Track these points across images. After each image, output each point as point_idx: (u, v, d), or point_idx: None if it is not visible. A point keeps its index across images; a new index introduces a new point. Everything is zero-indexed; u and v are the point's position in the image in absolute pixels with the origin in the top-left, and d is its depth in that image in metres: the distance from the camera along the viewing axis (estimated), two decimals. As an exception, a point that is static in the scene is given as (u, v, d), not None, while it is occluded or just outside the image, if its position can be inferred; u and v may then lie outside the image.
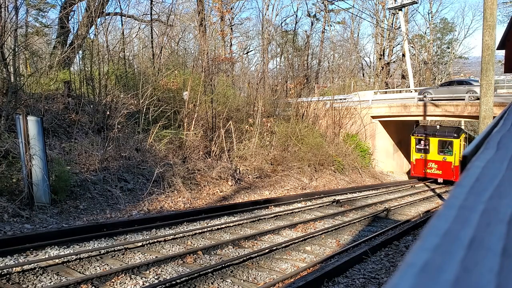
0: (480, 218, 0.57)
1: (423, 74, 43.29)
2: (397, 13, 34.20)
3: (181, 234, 7.03)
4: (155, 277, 5.09)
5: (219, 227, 7.80)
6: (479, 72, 14.41)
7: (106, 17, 15.34)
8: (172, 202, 9.83)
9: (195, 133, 13.42)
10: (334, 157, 17.67)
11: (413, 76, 34.43)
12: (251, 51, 33.38)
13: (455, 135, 19.06)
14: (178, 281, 4.78)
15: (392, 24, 39.00)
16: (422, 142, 19.86)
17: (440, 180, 19.45)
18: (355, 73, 38.17)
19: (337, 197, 11.86)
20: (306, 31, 37.38)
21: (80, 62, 14.64)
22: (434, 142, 19.55)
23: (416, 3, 35.04)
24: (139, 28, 18.53)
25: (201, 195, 10.90)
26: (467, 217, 0.57)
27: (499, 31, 10.34)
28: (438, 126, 20.98)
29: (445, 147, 20.00)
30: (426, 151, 19.80)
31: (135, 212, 8.75)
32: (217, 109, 14.88)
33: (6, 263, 5.08)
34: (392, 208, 10.96)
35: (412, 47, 40.41)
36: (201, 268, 5.30)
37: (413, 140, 20.31)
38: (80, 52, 15.11)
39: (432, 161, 19.61)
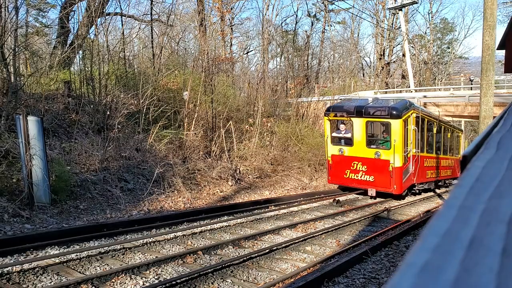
0: (480, 218, 0.57)
1: (423, 74, 43.31)
2: (397, 13, 34.22)
3: (181, 234, 7.03)
4: (155, 277, 5.09)
5: (219, 227, 7.80)
6: (479, 72, 14.39)
7: (106, 17, 15.34)
8: (172, 202, 9.84)
9: (195, 133, 13.42)
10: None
11: (413, 76, 34.45)
12: (251, 51, 33.38)
13: (395, 112, 11.01)
14: (178, 281, 4.78)
15: (392, 24, 39.01)
16: (342, 126, 12.36)
17: (371, 192, 11.92)
18: (355, 73, 38.20)
19: (338, 197, 11.86)
20: (306, 31, 37.39)
21: (80, 62, 14.64)
22: (359, 126, 11.75)
23: (416, 3, 35.06)
24: (139, 28, 18.53)
25: (201, 195, 10.90)
26: (467, 217, 0.57)
27: (499, 31, 10.34)
28: (370, 100, 13.33)
29: (377, 135, 12.67)
30: (348, 141, 12.19)
31: (135, 212, 8.75)
32: (217, 109, 14.89)
33: (6, 263, 5.08)
34: (392, 208, 10.96)
35: (412, 47, 40.41)
36: (201, 268, 5.30)
37: (326, 124, 12.53)
38: (80, 52, 15.11)
39: (357, 159, 11.96)
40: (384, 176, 11.52)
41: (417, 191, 13.81)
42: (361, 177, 11.97)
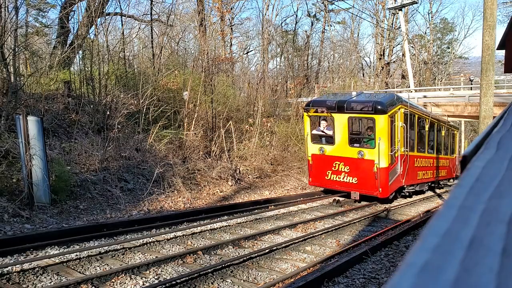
0: (480, 218, 0.57)
1: (423, 74, 43.31)
2: (397, 13, 34.23)
3: (181, 234, 7.03)
4: (155, 277, 5.09)
5: (219, 227, 7.81)
6: (479, 72, 14.37)
7: (106, 17, 15.34)
8: (172, 202, 9.84)
9: (195, 133, 13.42)
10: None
11: (413, 76, 34.46)
12: (251, 51, 33.38)
13: (379, 107, 10.10)
14: (178, 281, 4.78)
15: (392, 24, 39.02)
16: (323, 123, 11.48)
17: (355, 195, 11.00)
18: (355, 73, 38.17)
19: (338, 197, 11.86)
20: (306, 31, 37.39)
21: (80, 62, 14.65)
22: (341, 122, 10.82)
23: (416, 3, 35.07)
24: (139, 28, 18.53)
25: (201, 195, 10.90)
26: (467, 217, 0.57)
27: (499, 31, 10.34)
28: (354, 93, 11.96)
29: (361, 133, 12.03)
30: (329, 140, 11.34)
31: (135, 212, 8.75)
32: (217, 109, 14.89)
33: (6, 263, 5.07)
34: (392, 208, 10.96)
35: (412, 47, 40.43)
36: (201, 268, 5.30)
37: (306, 120, 11.77)
38: (80, 52, 15.12)
39: (339, 158, 11.06)
40: (368, 177, 10.62)
41: (407, 194, 12.81)
42: (343, 178, 11.07)
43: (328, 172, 11.33)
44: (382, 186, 10.50)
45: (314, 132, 11.64)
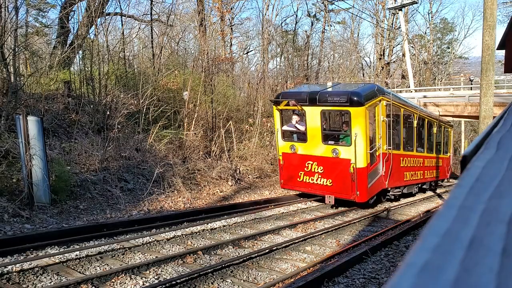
0: (480, 218, 0.57)
1: (423, 74, 43.31)
2: (397, 13, 34.22)
3: (181, 234, 7.03)
4: (155, 277, 5.09)
5: (219, 227, 7.81)
6: (479, 72, 14.35)
7: (106, 17, 15.34)
8: (172, 202, 9.84)
9: (195, 133, 13.42)
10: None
11: (413, 76, 34.45)
12: (251, 51, 33.37)
13: (356, 99, 8.94)
14: (178, 281, 4.78)
15: (392, 24, 39.01)
16: (295, 118, 10.25)
17: (329, 199, 9.78)
18: (355, 73, 38.16)
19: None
20: (306, 31, 37.36)
21: (80, 62, 14.65)
22: (314, 116, 9.66)
23: (416, 3, 35.06)
24: (139, 28, 18.53)
25: (201, 195, 10.90)
26: (467, 217, 0.57)
27: (499, 31, 10.35)
28: (329, 84, 10.78)
29: (336, 128, 10.93)
30: (301, 136, 10.18)
31: (135, 212, 8.75)
32: (217, 109, 14.89)
33: (6, 263, 5.07)
34: (392, 208, 10.96)
35: (412, 47, 40.42)
36: (201, 268, 5.30)
37: (276, 114, 10.55)
38: (80, 52, 15.12)
39: (312, 158, 9.88)
40: (343, 179, 9.44)
41: (392, 197, 11.77)
42: (317, 180, 9.86)
43: (301, 174, 10.12)
44: (360, 189, 9.28)
45: (285, 128, 10.47)
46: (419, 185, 14.10)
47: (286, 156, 10.42)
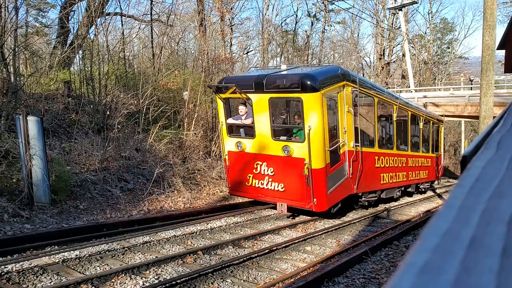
0: (480, 218, 0.57)
1: (423, 74, 43.32)
2: (397, 13, 34.22)
3: (181, 234, 7.03)
4: (155, 277, 5.09)
5: (219, 227, 7.80)
6: (479, 72, 14.34)
7: (106, 17, 15.34)
8: (172, 202, 9.84)
9: (195, 133, 13.42)
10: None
11: (413, 76, 34.45)
12: (251, 51, 33.38)
13: (308, 82, 7.24)
14: (178, 281, 4.78)
15: (392, 24, 39.02)
16: (242, 108, 8.53)
17: (281, 208, 8.07)
18: (355, 73, 38.16)
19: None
20: (306, 31, 37.37)
21: (80, 62, 14.65)
22: (261, 106, 8.01)
23: (416, 3, 35.06)
24: (139, 28, 18.53)
25: (201, 195, 10.90)
26: (467, 217, 0.57)
27: (499, 31, 10.37)
28: (283, 67, 9.03)
29: (288, 120, 9.13)
30: (249, 132, 8.52)
31: (135, 212, 8.75)
32: (217, 109, 14.89)
33: (6, 263, 5.07)
34: (392, 208, 10.96)
35: (412, 47, 40.42)
36: (201, 268, 5.30)
37: (220, 105, 8.87)
38: (80, 52, 15.12)
39: (261, 157, 8.28)
40: (297, 183, 7.78)
41: (366, 204, 9.99)
42: (267, 185, 8.17)
43: (249, 177, 8.43)
44: (317, 196, 7.56)
45: (230, 121, 8.71)
46: (402, 188, 12.36)
47: (232, 156, 8.71)
